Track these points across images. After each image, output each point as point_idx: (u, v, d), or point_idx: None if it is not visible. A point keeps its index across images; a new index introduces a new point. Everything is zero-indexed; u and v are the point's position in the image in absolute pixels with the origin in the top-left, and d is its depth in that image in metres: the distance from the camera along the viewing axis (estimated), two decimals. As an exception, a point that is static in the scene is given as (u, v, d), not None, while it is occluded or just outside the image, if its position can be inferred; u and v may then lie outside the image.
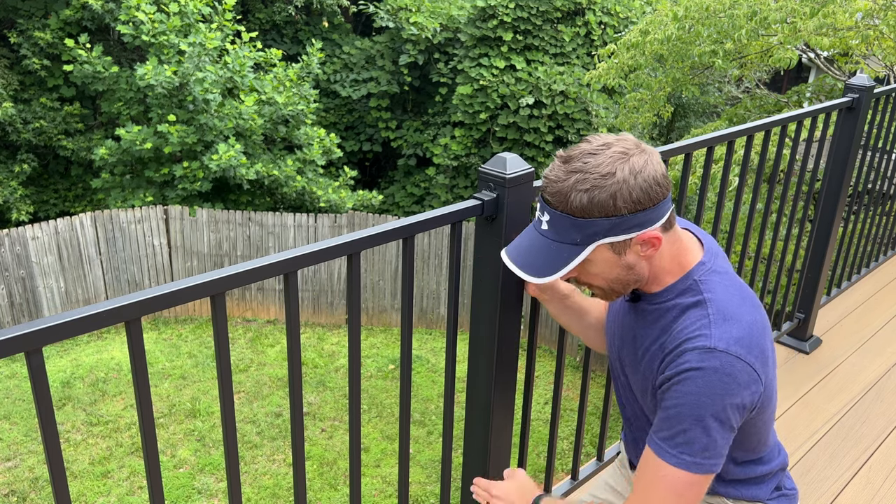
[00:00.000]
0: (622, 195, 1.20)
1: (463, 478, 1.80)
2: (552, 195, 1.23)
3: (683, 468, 1.26)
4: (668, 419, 1.26)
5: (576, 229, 1.23)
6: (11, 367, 9.04)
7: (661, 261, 1.31)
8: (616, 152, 1.21)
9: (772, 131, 2.61)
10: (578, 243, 1.24)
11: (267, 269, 1.21)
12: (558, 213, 1.23)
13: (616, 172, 1.19)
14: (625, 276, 1.30)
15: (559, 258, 1.25)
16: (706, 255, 1.35)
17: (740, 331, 1.25)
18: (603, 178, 1.19)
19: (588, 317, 1.65)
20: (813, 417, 2.73)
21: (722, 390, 1.22)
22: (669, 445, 1.26)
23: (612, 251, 1.25)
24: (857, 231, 3.56)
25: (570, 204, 1.21)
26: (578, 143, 1.25)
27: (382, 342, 10.28)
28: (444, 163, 12.11)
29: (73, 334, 1.03)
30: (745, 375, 1.23)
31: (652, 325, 1.35)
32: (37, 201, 12.34)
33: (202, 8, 10.80)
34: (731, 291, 1.31)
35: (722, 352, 1.22)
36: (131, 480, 7.32)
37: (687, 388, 1.23)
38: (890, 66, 7.35)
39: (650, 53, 7.04)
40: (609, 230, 1.22)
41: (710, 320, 1.26)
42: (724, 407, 1.23)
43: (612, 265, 1.28)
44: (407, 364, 1.54)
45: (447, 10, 12.81)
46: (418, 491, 7.43)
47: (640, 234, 1.24)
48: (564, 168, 1.22)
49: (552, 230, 1.25)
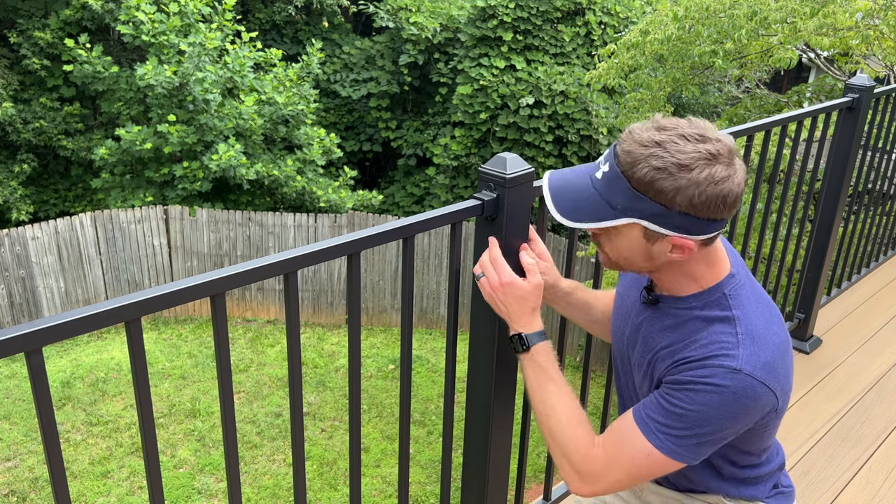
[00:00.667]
0: (685, 193, 1.14)
1: (463, 478, 1.80)
2: (624, 152, 1.17)
3: (665, 454, 1.25)
4: (669, 413, 1.24)
5: (624, 196, 1.18)
6: (11, 367, 9.04)
7: (689, 265, 1.27)
8: (707, 150, 1.14)
9: (772, 131, 2.61)
10: (619, 210, 1.19)
11: (267, 269, 1.21)
12: (619, 171, 1.18)
13: (694, 170, 1.13)
14: (639, 262, 1.27)
15: (594, 212, 1.21)
16: (734, 268, 1.32)
17: (768, 355, 1.22)
18: (679, 167, 1.14)
19: (593, 311, 1.64)
20: (813, 417, 2.73)
21: (735, 412, 1.21)
22: (659, 432, 1.25)
23: (643, 235, 1.22)
24: (857, 231, 3.56)
25: (635, 172, 1.16)
26: (679, 118, 1.19)
27: (382, 342, 10.28)
28: (444, 163, 12.11)
29: (73, 334, 1.03)
30: (765, 399, 1.22)
31: (671, 330, 1.32)
32: (37, 201, 12.34)
33: (202, 8, 10.80)
34: (759, 309, 1.28)
35: (748, 375, 1.20)
36: (131, 480, 7.32)
37: (700, 400, 1.21)
38: (890, 66, 7.35)
39: (650, 53, 7.03)
40: (652, 216, 1.18)
41: (738, 340, 1.22)
42: (732, 423, 1.23)
43: (636, 247, 1.24)
44: (407, 364, 1.54)
45: (447, 10, 12.81)
46: (418, 491, 7.43)
47: (676, 237, 1.20)
48: (651, 135, 1.16)
49: (604, 183, 1.20)
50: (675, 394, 1.24)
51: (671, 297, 1.33)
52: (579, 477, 1.34)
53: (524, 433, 1.90)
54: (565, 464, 1.36)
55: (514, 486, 3.26)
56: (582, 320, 1.66)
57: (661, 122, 1.18)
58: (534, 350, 1.40)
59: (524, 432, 1.90)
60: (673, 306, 1.33)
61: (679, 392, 1.24)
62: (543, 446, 7.84)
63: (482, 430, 1.69)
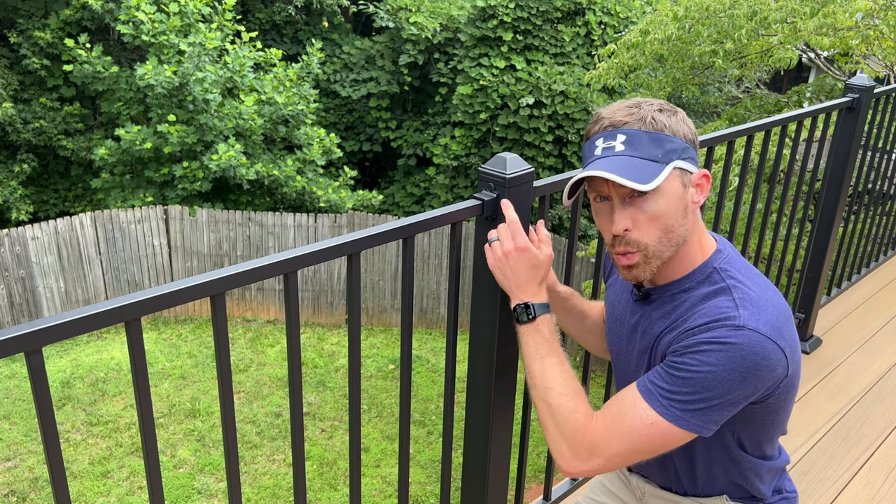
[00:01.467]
0: (687, 124, 1.25)
1: (463, 478, 1.80)
2: (626, 116, 1.23)
3: (671, 420, 1.21)
4: (674, 378, 1.20)
5: (655, 145, 1.22)
6: (11, 367, 9.04)
7: (692, 230, 1.29)
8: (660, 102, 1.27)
9: (772, 131, 2.61)
10: (659, 160, 1.21)
11: (267, 269, 1.21)
12: (634, 130, 1.22)
13: (676, 110, 1.26)
14: (678, 226, 1.25)
15: (647, 171, 1.20)
16: (720, 243, 1.34)
17: (770, 315, 1.20)
18: (669, 108, 1.25)
19: (587, 320, 1.63)
20: (813, 417, 2.73)
21: (746, 370, 1.16)
22: (663, 395, 1.21)
23: (681, 182, 1.24)
24: (857, 231, 3.56)
25: (646, 119, 1.22)
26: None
27: (382, 342, 10.28)
28: (444, 163, 12.11)
29: (73, 334, 1.03)
30: (774, 357, 1.18)
31: (667, 315, 1.30)
32: (37, 201, 12.35)
33: (202, 8, 10.80)
34: (752, 278, 1.28)
35: (752, 331, 1.17)
36: (131, 480, 7.32)
37: (707, 359, 1.17)
38: (890, 66, 7.34)
39: (650, 53, 7.03)
40: (683, 151, 1.23)
41: (737, 304, 1.21)
42: (741, 384, 1.18)
43: (677, 201, 1.23)
44: (407, 364, 1.54)
45: (447, 10, 12.81)
46: (418, 491, 7.43)
47: (699, 172, 1.27)
48: (627, 105, 1.25)
49: (630, 147, 1.22)
50: (680, 358, 1.21)
51: (663, 285, 1.33)
52: (574, 453, 1.27)
53: (524, 433, 1.90)
54: (559, 438, 1.29)
55: (514, 486, 3.27)
56: (575, 329, 1.64)
57: (617, 102, 1.29)
58: (539, 320, 1.37)
59: (524, 432, 1.90)
60: (666, 293, 1.32)
61: (683, 356, 1.20)
62: (544, 446, 7.84)
63: (482, 430, 1.69)
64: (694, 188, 1.26)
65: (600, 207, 1.28)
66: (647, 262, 1.27)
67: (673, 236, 1.25)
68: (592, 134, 1.27)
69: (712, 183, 6.20)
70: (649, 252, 1.26)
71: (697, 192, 1.27)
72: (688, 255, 1.30)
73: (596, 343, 1.63)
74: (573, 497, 2.19)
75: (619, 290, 1.49)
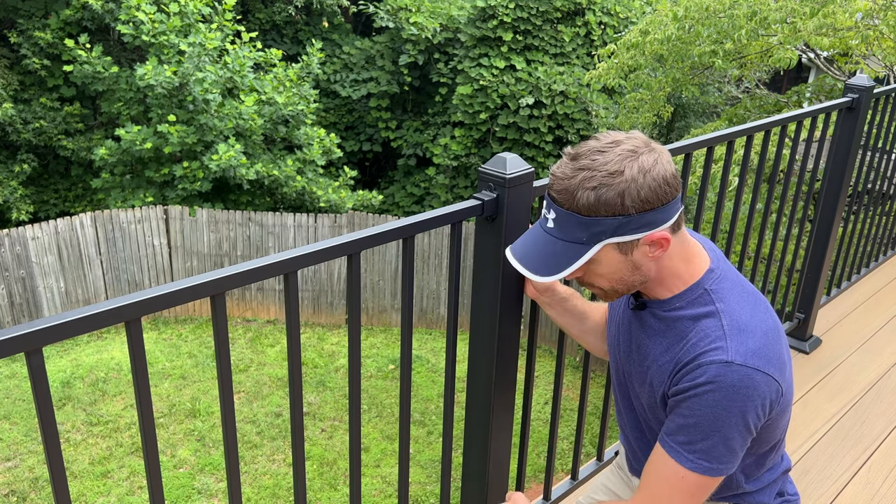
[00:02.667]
0: (630, 194, 1.17)
1: (463, 478, 1.80)
2: (559, 192, 1.21)
3: (700, 472, 1.25)
4: (685, 427, 1.25)
5: (582, 228, 1.20)
6: (11, 367, 9.04)
7: (669, 262, 1.28)
8: (625, 150, 1.18)
9: (772, 131, 2.61)
10: (584, 242, 1.21)
11: (267, 269, 1.21)
12: (564, 210, 1.21)
13: (624, 171, 1.17)
14: (630, 277, 1.27)
15: (564, 257, 1.23)
16: (714, 262, 1.33)
17: (756, 342, 1.23)
18: (611, 175, 1.17)
19: (587, 321, 1.64)
20: (813, 417, 2.73)
21: (741, 404, 1.21)
22: (686, 451, 1.26)
23: (618, 251, 1.23)
24: (857, 231, 3.56)
25: (577, 202, 1.18)
26: (587, 141, 1.23)
27: (382, 342, 10.28)
28: (444, 163, 12.11)
29: (73, 334, 1.03)
30: (765, 385, 1.22)
31: (661, 335, 1.33)
32: (37, 201, 12.35)
33: (202, 8, 10.80)
34: (742, 299, 1.29)
35: (740, 365, 1.20)
36: (131, 480, 7.32)
37: (705, 402, 1.22)
38: (890, 66, 7.34)
39: (650, 53, 7.03)
40: (616, 230, 1.19)
41: (724, 332, 1.24)
42: (744, 418, 1.22)
43: (618, 265, 1.25)
44: (407, 364, 1.54)
45: (447, 10, 12.81)
46: (418, 491, 7.43)
47: (648, 235, 1.21)
48: (572, 165, 1.20)
49: (558, 228, 1.23)
50: (682, 404, 1.26)
51: (656, 301, 1.34)
52: None
53: (524, 433, 1.90)
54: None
55: (514, 486, 3.27)
56: (576, 330, 1.64)
57: (573, 151, 1.23)
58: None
59: (524, 432, 1.90)
60: (659, 310, 1.33)
61: (685, 402, 1.25)
62: (543, 446, 7.85)
63: (482, 430, 1.69)
64: (647, 246, 1.24)
65: None
66: (610, 295, 1.33)
67: (628, 282, 1.29)
68: (545, 189, 1.28)
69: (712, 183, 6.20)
70: (607, 290, 1.31)
71: (654, 248, 1.24)
72: (670, 280, 1.31)
73: (596, 343, 1.63)
74: (573, 497, 2.19)
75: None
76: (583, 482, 2.22)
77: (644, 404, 1.40)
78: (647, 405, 1.39)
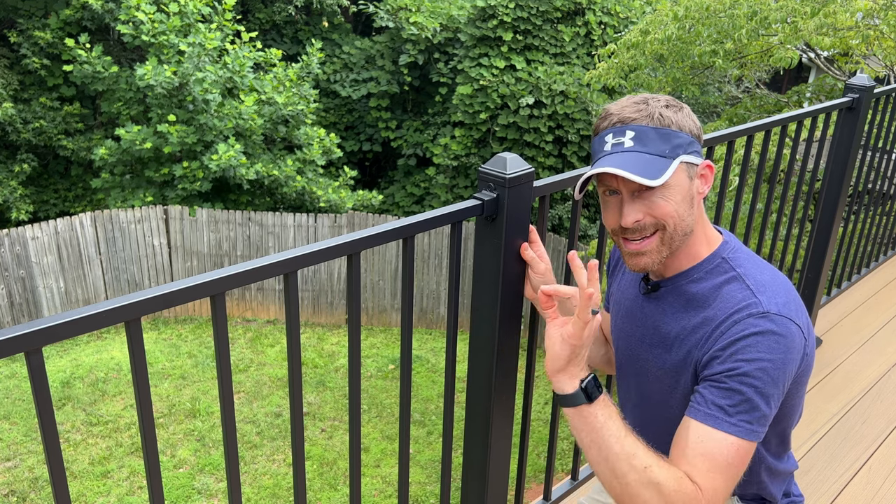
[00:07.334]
0: (693, 119, 1.29)
1: (463, 478, 1.80)
2: (636, 112, 1.27)
3: (742, 436, 1.20)
4: (725, 389, 1.21)
5: (663, 140, 1.25)
6: (11, 367, 9.04)
7: (700, 219, 1.33)
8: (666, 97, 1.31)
9: (772, 131, 2.61)
10: (667, 155, 1.25)
11: (267, 269, 1.21)
12: (644, 126, 1.26)
13: (682, 106, 1.30)
14: (687, 215, 1.29)
15: (654, 167, 1.24)
16: (726, 235, 1.38)
17: (783, 297, 1.26)
18: (676, 104, 1.29)
19: None
20: (813, 417, 2.73)
21: (782, 354, 1.21)
22: (727, 414, 1.21)
23: (686, 174, 1.28)
24: (857, 231, 3.56)
25: (655, 116, 1.26)
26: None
27: (382, 342, 10.28)
28: (444, 163, 12.11)
29: (73, 334, 1.03)
30: (798, 338, 1.23)
31: (682, 311, 1.33)
32: (37, 201, 12.35)
33: (202, 8, 10.80)
34: (759, 265, 1.33)
35: (776, 314, 1.23)
36: (131, 480, 7.32)
37: (749, 356, 1.21)
38: (890, 66, 7.34)
39: (650, 53, 7.03)
40: (689, 146, 1.27)
41: (752, 290, 1.27)
42: (783, 371, 1.22)
43: (685, 193, 1.28)
44: (407, 364, 1.54)
45: (447, 10, 12.81)
46: (418, 491, 7.43)
47: (705, 162, 1.30)
48: (635, 101, 1.28)
49: (639, 144, 1.26)
50: (721, 366, 1.23)
51: (673, 276, 1.36)
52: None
53: (524, 433, 1.90)
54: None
55: (514, 486, 3.26)
56: None
57: (624, 98, 1.33)
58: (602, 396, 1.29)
59: (524, 432, 1.90)
60: (676, 284, 1.35)
61: (725, 362, 1.23)
62: (543, 446, 7.84)
63: (482, 430, 1.69)
64: (699, 179, 1.30)
65: (609, 200, 1.32)
66: (660, 248, 1.30)
67: (682, 226, 1.29)
68: (601, 130, 1.30)
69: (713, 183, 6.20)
70: (665, 234, 1.28)
71: (702, 183, 1.32)
72: (694, 247, 1.34)
73: (592, 352, 1.63)
74: (574, 497, 2.19)
75: (625, 288, 1.50)
76: (583, 482, 2.22)
77: (665, 387, 1.37)
78: (668, 387, 1.36)
